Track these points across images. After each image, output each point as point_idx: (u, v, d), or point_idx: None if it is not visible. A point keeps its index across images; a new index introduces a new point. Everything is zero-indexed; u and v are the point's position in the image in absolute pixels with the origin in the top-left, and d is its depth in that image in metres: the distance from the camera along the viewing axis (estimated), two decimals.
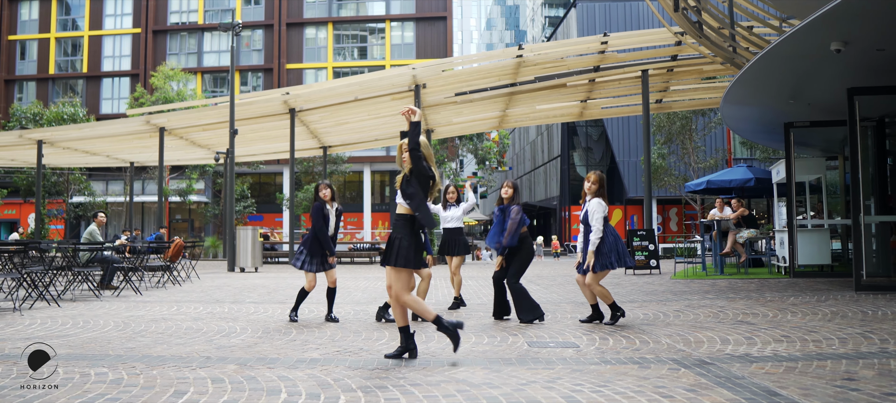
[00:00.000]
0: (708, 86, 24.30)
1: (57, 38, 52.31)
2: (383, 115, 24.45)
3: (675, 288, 11.38)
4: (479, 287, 12.20)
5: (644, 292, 10.74)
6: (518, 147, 69.26)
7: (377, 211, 48.80)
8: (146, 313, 8.43)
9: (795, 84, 11.68)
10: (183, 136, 24.85)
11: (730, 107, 13.69)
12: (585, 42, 22.01)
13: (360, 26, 49.14)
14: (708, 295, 10.00)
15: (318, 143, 27.95)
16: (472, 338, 6.21)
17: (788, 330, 6.44)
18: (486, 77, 22.55)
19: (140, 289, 11.61)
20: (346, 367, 4.94)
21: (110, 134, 23.81)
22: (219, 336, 6.47)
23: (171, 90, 34.08)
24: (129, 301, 9.98)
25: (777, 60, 10.21)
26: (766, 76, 11.22)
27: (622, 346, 5.76)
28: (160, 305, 9.36)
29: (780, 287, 11.03)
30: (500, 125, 27.53)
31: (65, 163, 30.41)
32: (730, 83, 12.91)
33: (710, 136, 38.45)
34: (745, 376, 4.52)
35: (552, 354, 5.41)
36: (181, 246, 12.84)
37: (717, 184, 17.59)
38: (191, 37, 50.76)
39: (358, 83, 21.83)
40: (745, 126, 15.65)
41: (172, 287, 12.48)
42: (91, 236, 11.88)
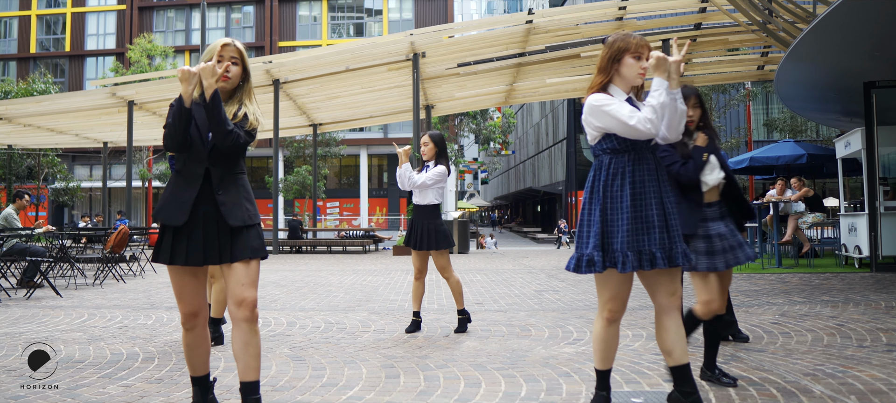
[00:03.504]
0: (732, 59, 21.91)
1: (38, 15, 49.88)
2: (379, 88, 21.99)
3: (737, 285, 8.99)
4: (491, 284, 9.83)
5: None
6: (521, 130, 66.78)
7: (375, 197, 46.45)
8: (35, 327, 6.06)
9: (887, 30, 9.28)
10: (156, 112, 22.40)
11: (792, 67, 11.27)
12: (602, 7, 19.54)
13: (356, 2, 46.66)
14: (793, 297, 7.63)
15: (307, 120, 25.48)
16: (501, 384, 3.85)
17: None
18: (492, 46, 20.11)
19: (67, 288, 9.26)
20: None
21: (74, 108, 21.35)
22: (96, 377, 4.10)
23: (150, 64, 31.51)
24: (36, 305, 7.61)
25: (866, 2, 7.83)
26: (848, 22, 8.83)
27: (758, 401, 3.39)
28: (69, 313, 6.99)
29: (867, 285, 8.66)
30: (507, 100, 25.07)
31: (32, 144, 27.95)
32: (800, 35, 10.53)
33: (728, 115, 36.12)
34: None
35: None
36: (126, 234, 10.44)
37: (762, 161, 15.22)
38: (178, 13, 48.32)
39: (350, 51, 19.36)
40: (803, 93, 13.21)
41: (111, 284, 10.10)
42: (7, 221, 9.51)
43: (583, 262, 2.88)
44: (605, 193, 2.91)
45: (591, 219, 2.92)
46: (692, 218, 3.68)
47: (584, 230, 2.95)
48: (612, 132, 2.90)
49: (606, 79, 3.00)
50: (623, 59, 2.98)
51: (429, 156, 5.67)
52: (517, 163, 70.60)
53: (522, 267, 13.24)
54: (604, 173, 2.93)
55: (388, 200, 46.45)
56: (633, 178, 2.89)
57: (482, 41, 19.92)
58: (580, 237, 2.96)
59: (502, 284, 9.71)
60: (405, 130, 41.97)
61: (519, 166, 69.51)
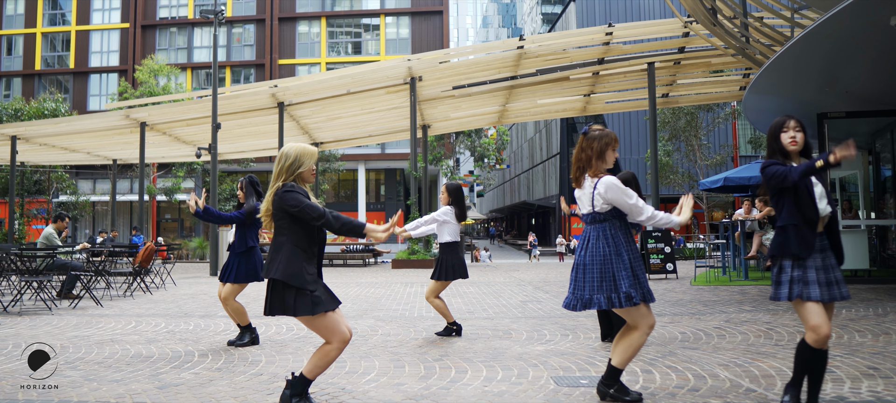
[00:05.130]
0: (716, 80, 23.18)
1: (43, 32, 50.93)
2: (378, 110, 23.20)
3: (701, 296, 10.18)
4: (482, 295, 10.98)
5: (669, 302, 9.54)
6: (516, 144, 68.05)
7: (372, 210, 47.53)
8: (96, 332, 7.19)
9: (835, 69, 10.50)
10: (166, 132, 23.55)
11: (755, 97, 12.51)
12: (589, 33, 20.79)
13: (354, 21, 47.86)
14: (744, 306, 8.80)
15: (310, 140, 26.66)
16: (483, 371, 5.00)
17: (870, 359, 5.24)
18: (486, 70, 21.33)
19: (104, 300, 10.38)
20: None
21: (89, 129, 22.51)
22: (168, 368, 5.24)
23: (156, 85, 32.69)
24: (84, 314, 8.74)
25: (817, 41, 9.02)
26: (801, 61, 10.04)
27: (674, 384, 4.55)
28: (117, 321, 8.12)
29: None
30: (500, 120, 26.31)
31: (44, 161, 29.07)
32: (745, 75, 11.74)
33: (715, 133, 37.35)
34: None
35: (587, 397, 4.20)
36: (152, 250, 11.59)
37: (735, 181, 16.40)
38: (180, 32, 49.45)
39: (351, 76, 20.57)
40: (768, 119, 14.44)
41: (141, 296, 11.24)
42: (48, 240, 10.63)
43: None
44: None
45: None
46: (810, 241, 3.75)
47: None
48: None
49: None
50: (606, 153, 4.10)
51: (444, 204, 6.77)
52: (512, 177, 71.77)
53: (512, 279, 14.38)
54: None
55: (386, 213, 47.50)
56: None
57: (476, 65, 21.13)
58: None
59: (492, 295, 10.86)
60: (402, 147, 43.11)
61: (514, 180, 70.69)
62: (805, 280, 3.66)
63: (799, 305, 3.69)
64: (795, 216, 3.70)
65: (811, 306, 3.64)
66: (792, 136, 3.74)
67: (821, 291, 3.64)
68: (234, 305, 6.27)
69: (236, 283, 6.30)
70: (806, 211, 3.70)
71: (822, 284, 3.66)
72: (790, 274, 3.68)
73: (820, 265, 3.70)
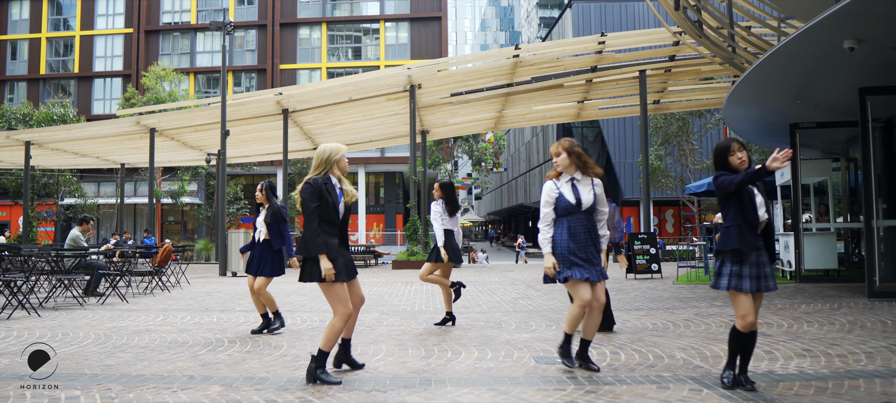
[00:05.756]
0: (706, 87, 24.02)
1: (48, 37, 51.70)
2: (378, 116, 24.06)
3: (679, 294, 11.03)
4: (477, 293, 11.82)
5: (649, 298, 10.39)
6: (513, 148, 68.88)
7: (372, 213, 48.36)
8: (130, 323, 8.03)
9: (802, 84, 11.35)
10: (174, 137, 24.40)
11: (733, 107, 13.36)
12: (582, 42, 21.67)
13: (354, 26, 48.71)
14: (715, 302, 9.65)
15: (312, 145, 27.50)
16: (475, 353, 5.85)
17: (808, 343, 6.09)
18: (482, 77, 22.20)
19: (127, 296, 11.21)
20: (341, 388, 4.57)
21: (100, 135, 23.35)
22: (205, 351, 6.09)
23: (162, 91, 33.55)
24: (113, 309, 9.57)
25: (785, 59, 9.88)
26: (772, 76, 10.89)
27: (635, 362, 5.40)
28: (146, 314, 8.96)
29: (788, 293, 10.68)
30: (497, 126, 27.17)
31: (54, 165, 29.91)
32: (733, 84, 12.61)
33: (706, 138, 38.21)
34: (774, 398, 4.17)
35: (560, 371, 5.05)
36: (170, 251, 12.43)
37: None
38: (183, 37, 50.24)
39: (352, 84, 21.43)
40: (747, 127, 15.31)
41: (160, 293, 12.07)
42: (75, 242, 11.46)
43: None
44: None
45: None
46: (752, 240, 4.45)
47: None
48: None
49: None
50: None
51: (437, 197, 7.68)
52: (509, 180, 72.59)
53: (506, 279, 15.24)
54: None
55: (385, 216, 48.35)
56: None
57: (473, 73, 21.99)
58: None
59: (487, 293, 11.71)
60: (401, 151, 43.95)
61: (511, 183, 71.52)
62: (740, 274, 4.40)
63: (733, 295, 4.45)
64: (739, 219, 4.43)
65: (742, 297, 4.40)
66: (740, 158, 4.52)
67: (751, 284, 4.39)
68: (267, 295, 7.13)
69: (270, 276, 7.17)
70: (748, 215, 4.41)
71: (752, 278, 4.40)
72: (729, 269, 4.47)
73: (754, 261, 4.43)
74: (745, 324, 4.40)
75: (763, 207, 4.51)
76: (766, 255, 4.53)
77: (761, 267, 4.47)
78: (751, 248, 4.41)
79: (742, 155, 4.54)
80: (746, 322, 4.39)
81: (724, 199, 4.54)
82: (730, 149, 4.56)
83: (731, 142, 4.61)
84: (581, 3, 46.87)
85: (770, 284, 4.49)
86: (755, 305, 4.46)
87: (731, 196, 4.47)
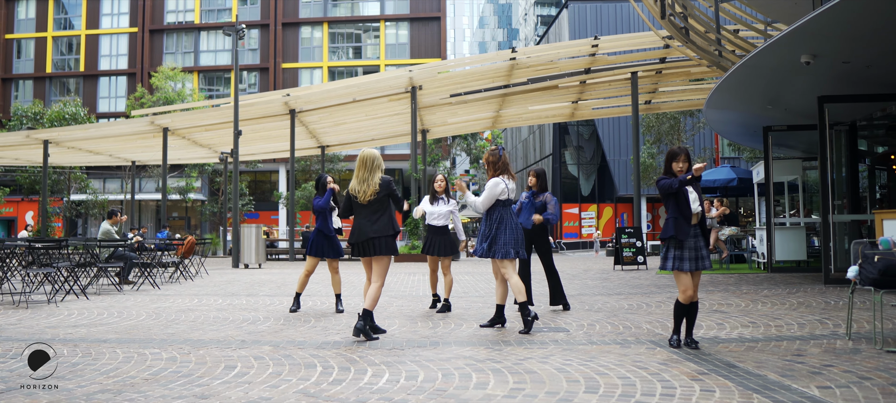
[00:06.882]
0: (696, 88, 25.10)
1: (54, 36, 52.64)
2: (380, 116, 25.16)
3: (659, 282, 12.16)
4: (475, 282, 12.94)
5: (630, 286, 11.51)
6: (510, 146, 69.99)
7: None
8: (171, 305, 9.13)
9: (772, 91, 12.45)
10: (185, 136, 25.50)
11: (712, 111, 14.48)
12: (576, 45, 22.78)
13: (354, 26, 49.77)
14: None
15: (317, 143, 28.64)
16: (474, 325, 6.96)
17: (756, 318, 7.21)
18: (481, 79, 23.30)
19: (157, 284, 12.30)
20: (367, 347, 5.68)
21: (115, 134, 24.44)
22: (246, 324, 7.19)
23: (171, 89, 34.66)
24: (149, 294, 10.67)
25: (754, 70, 10.98)
26: (745, 83, 11.99)
27: (607, 331, 6.52)
28: (180, 298, 10.06)
29: (756, 281, 11.82)
30: (494, 125, 28.29)
31: (67, 162, 31.00)
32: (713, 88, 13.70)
33: (698, 136, 39.37)
34: (711, 353, 5.28)
35: (545, 337, 6.16)
36: (193, 244, 13.53)
37: (704, 183, 18.38)
38: (187, 36, 51.23)
39: (356, 85, 22.54)
40: (727, 128, 16.44)
41: (185, 282, 13.18)
42: (107, 235, 12.54)
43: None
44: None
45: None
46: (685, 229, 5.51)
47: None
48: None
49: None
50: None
51: (442, 190, 8.65)
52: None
53: None
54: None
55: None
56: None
57: (472, 75, 23.10)
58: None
59: (484, 282, 12.82)
60: (402, 148, 45.03)
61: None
62: (681, 257, 5.46)
63: (676, 275, 5.50)
64: (677, 212, 5.54)
65: (683, 275, 5.45)
66: (680, 167, 5.63)
67: (690, 264, 5.46)
68: (338, 276, 8.34)
69: (336, 258, 8.36)
70: (683, 209, 5.49)
71: (691, 259, 5.47)
72: (672, 253, 5.57)
73: (692, 246, 5.48)
74: (685, 297, 5.48)
75: (697, 202, 5.55)
76: (703, 240, 5.59)
77: (698, 250, 5.51)
78: (685, 235, 5.45)
79: (683, 165, 5.62)
80: (686, 295, 5.47)
81: (665, 197, 5.66)
82: (675, 157, 5.65)
83: (679, 152, 5.69)
84: (577, 4, 47.99)
85: (706, 264, 5.55)
86: (694, 282, 5.49)
87: (670, 194, 5.57)
